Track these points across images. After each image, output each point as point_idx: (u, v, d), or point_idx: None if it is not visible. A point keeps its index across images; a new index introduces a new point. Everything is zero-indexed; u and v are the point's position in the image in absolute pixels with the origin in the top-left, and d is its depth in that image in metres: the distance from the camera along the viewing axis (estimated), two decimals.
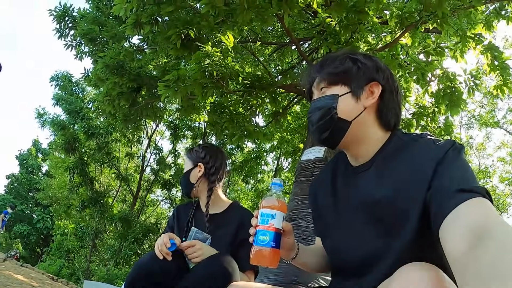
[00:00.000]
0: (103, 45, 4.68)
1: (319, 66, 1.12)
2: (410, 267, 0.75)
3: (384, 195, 0.98)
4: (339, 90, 1.06)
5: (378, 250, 1.00)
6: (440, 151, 0.92)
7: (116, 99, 4.26)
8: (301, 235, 3.14)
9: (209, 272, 1.35)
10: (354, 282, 1.07)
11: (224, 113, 3.89)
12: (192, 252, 1.45)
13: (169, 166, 12.61)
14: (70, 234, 14.42)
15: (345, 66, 1.08)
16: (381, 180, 1.00)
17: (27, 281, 3.56)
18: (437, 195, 0.85)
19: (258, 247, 1.04)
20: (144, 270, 1.38)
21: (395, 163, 0.99)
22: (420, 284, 0.69)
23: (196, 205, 1.82)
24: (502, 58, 3.87)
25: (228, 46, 3.29)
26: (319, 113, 1.06)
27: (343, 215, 1.11)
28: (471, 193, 0.79)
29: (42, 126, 15.36)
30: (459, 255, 0.70)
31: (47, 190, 16.80)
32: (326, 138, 1.07)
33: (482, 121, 14.97)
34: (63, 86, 11.87)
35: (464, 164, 0.90)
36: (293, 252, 1.16)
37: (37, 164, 23.53)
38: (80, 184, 11.36)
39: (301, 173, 3.53)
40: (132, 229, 10.91)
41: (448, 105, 3.96)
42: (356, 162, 1.11)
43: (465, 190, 0.80)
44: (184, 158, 1.99)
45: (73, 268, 12.75)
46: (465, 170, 0.88)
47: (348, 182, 1.12)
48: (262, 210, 1.08)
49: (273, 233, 1.04)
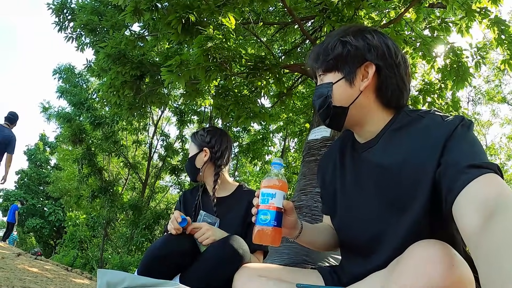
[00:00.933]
0: (103, 35, 4.65)
1: (316, 54, 1.12)
2: (421, 244, 0.75)
3: (391, 168, 0.98)
4: (333, 77, 1.07)
5: (387, 227, 1.00)
6: (449, 127, 0.91)
7: (120, 88, 4.25)
8: (310, 214, 3.15)
9: (221, 254, 1.35)
10: (363, 260, 1.07)
11: (229, 96, 3.86)
12: (201, 235, 1.45)
13: (176, 151, 12.67)
14: (82, 225, 14.68)
15: (336, 52, 1.06)
16: (388, 154, 1.00)
17: (42, 273, 3.63)
18: (448, 171, 0.83)
19: (259, 226, 1.06)
20: (156, 255, 1.38)
21: (402, 138, 0.99)
22: (431, 261, 0.70)
23: (203, 189, 1.82)
24: (510, 32, 3.78)
25: (229, 28, 3.25)
26: (318, 102, 1.09)
27: (351, 192, 1.12)
28: (483, 169, 0.78)
29: (48, 119, 15.47)
30: (473, 230, 0.69)
31: (57, 183, 17.03)
32: (328, 124, 1.12)
33: (488, 96, 14.77)
34: (66, 78, 11.91)
35: (474, 140, 0.89)
36: (296, 230, 1.16)
37: (45, 158, 23.77)
38: (89, 175, 11.49)
39: (308, 152, 3.53)
40: (143, 216, 11.04)
41: (455, 80, 3.90)
42: (363, 139, 1.11)
43: (476, 166, 0.79)
44: (189, 143, 1.94)
45: (87, 258, 13.01)
46: (475, 146, 0.87)
47: (355, 159, 1.12)
48: (262, 190, 1.09)
49: (274, 212, 1.05)
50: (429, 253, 0.71)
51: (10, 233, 10.63)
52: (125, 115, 4.85)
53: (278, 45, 6.10)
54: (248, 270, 1.22)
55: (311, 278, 1.19)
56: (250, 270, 1.22)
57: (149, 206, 12.69)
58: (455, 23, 3.97)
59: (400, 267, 0.75)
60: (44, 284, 3.03)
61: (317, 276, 1.21)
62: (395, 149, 0.99)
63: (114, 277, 1.20)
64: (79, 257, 13.16)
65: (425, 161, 0.90)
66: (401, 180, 0.96)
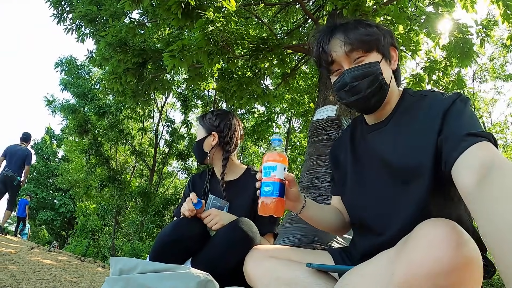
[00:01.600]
0: (103, 24, 4.62)
1: (344, 35, 1.11)
2: (430, 223, 0.76)
3: (401, 145, 1.05)
4: (376, 57, 1.10)
5: (395, 201, 1.04)
6: (447, 102, 1.00)
7: (123, 76, 4.25)
8: (318, 194, 3.16)
9: (231, 237, 1.35)
10: (374, 235, 1.11)
11: (232, 79, 3.85)
12: (210, 220, 1.45)
13: (182, 136, 12.71)
14: (92, 214, 14.87)
15: (375, 33, 1.12)
16: (398, 135, 1.07)
17: (56, 264, 3.69)
18: (448, 140, 0.92)
19: (263, 197, 1.11)
20: (167, 240, 1.38)
21: (409, 118, 1.07)
22: (439, 240, 0.70)
23: (211, 173, 1.80)
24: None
25: (230, 10, 3.21)
26: (367, 81, 1.08)
27: (362, 171, 1.17)
28: (480, 137, 0.86)
29: (52, 112, 15.55)
30: (471, 188, 0.77)
31: (66, 175, 17.22)
32: (374, 104, 1.11)
33: (494, 75, 14.53)
34: (69, 70, 11.89)
35: (471, 113, 0.97)
36: (300, 204, 1.21)
37: (52, 151, 23.96)
38: (96, 165, 11.59)
39: (314, 133, 3.51)
40: (152, 202, 11.14)
41: (460, 58, 3.84)
42: (375, 120, 1.18)
43: (474, 134, 0.87)
44: (196, 126, 1.89)
45: (99, 246, 13.22)
46: (472, 118, 0.95)
47: (367, 140, 1.19)
48: (264, 164, 1.15)
49: (276, 184, 1.11)
50: (438, 232, 0.72)
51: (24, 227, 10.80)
52: (129, 102, 4.86)
53: (280, 25, 6.02)
54: (259, 252, 1.25)
55: (321, 258, 1.22)
56: (261, 251, 1.25)
57: (157, 193, 12.80)
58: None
59: (408, 245, 0.75)
60: (58, 275, 3.09)
61: (327, 256, 1.24)
62: (404, 128, 1.07)
63: (127, 264, 1.21)
64: (91, 247, 13.38)
65: (429, 137, 0.98)
66: (408, 154, 1.02)
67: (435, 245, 0.70)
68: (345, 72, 1.10)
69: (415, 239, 0.75)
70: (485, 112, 15.89)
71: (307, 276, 1.07)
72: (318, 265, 1.08)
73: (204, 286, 1.16)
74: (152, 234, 11.12)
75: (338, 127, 3.45)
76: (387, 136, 1.11)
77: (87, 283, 3.01)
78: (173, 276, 1.16)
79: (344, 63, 1.11)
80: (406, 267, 0.72)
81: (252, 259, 1.23)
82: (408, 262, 0.72)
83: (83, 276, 3.37)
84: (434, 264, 0.69)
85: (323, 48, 1.15)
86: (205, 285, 1.16)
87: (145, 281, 1.15)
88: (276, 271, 1.12)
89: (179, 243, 1.38)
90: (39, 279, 2.72)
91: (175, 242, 1.38)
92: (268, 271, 1.14)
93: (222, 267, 1.34)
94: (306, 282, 1.06)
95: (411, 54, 4.42)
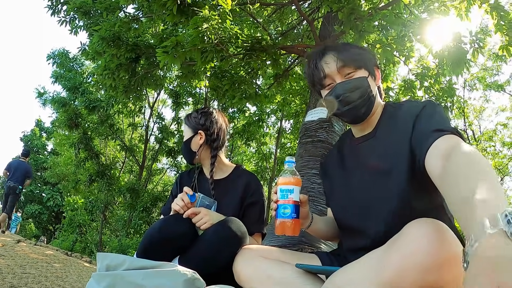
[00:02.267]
0: (97, 17, 4.57)
1: (336, 52, 1.24)
2: (418, 222, 0.82)
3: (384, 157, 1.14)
4: (363, 73, 1.22)
5: (376, 201, 1.12)
6: (418, 107, 1.12)
7: (116, 71, 4.21)
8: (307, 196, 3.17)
9: (220, 236, 1.35)
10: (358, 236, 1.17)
11: (225, 77, 3.83)
12: (199, 219, 1.44)
13: (172, 133, 12.69)
14: (80, 209, 14.74)
15: (363, 54, 1.26)
16: (383, 144, 1.17)
17: (43, 258, 3.65)
18: (418, 137, 1.04)
19: (281, 219, 1.18)
20: (155, 237, 1.37)
21: (391, 127, 1.18)
22: (427, 238, 0.76)
23: (200, 171, 1.79)
24: (509, 19, 3.74)
25: (225, 9, 3.20)
26: (357, 92, 1.19)
27: (350, 179, 1.25)
28: (444, 131, 0.98)
29: (43, 105, 15.36)
30: (438, 172, 0.88)
31: (54, 168, 17.03)
32: (363, 114, 1.21)
33: (485, 83, 14.74)
34: (61, 63, 11.76)
35: (439, 113, 1.08)
36: (308, 220, 1.31)
37: (41, 144, 23.70)
38: (86, 159, 11.49)
39: (305, 134, 3.53)
40: (141, 198, 11.10)
41: (452, 66, 3.87)
42: (361, 132, 1.27)
43: (439, 130, 0.99)
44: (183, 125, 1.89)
45: (86, 242, 13.12)
46: (439, 117, 1.07)
47: (355, 151, 1.27)
48: (280, 187, 1.21)
49: (293, 206, 1.18)
50: (426, 231, 0.78)
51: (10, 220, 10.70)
52: (120, 98, 4.81)
53: (275, 26, 6.03)
54: (250, 252, 1.27)
55: (308, 261, 1.27)
56: (252, 251, 1.27)
57: (146, 189, 12.73)
58: (454, 7, 3.91)
59: (398, 243, 0.80)
60: (45, 270, 3.06)
61: (315, 259, 1.28)
62: (387, 137, 1.17)
63: (114, 260, 1.21)
64: (78, 242, 13.27)
65: (404, 137, 1.10)
66: (389, 160, 1.12)
67: (425, 242, 0.76)
68: (338, 85, 1.21)
69: (406, 236, 0.80)
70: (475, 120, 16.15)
71: (296, 277, 1.13)
72: (307, 266, 1.13)
73: (191, 284, 1.16)
74: (139, 230, 11.06)
75: (329, 129, 3.46)
76: (373, 145, 1.20)
77: (73, 278, 2.98)
78: (160, 274, 1.15)
79: (336, 77, 1.22)
80: (397, 261, 0.77)
81: (243, 258, 1.26)
82: (399, 256, 0.77)
83: (69, 271, 3.34)
84: (425, 258, 0.74)
85: (316, 65, 1.25)
86: (192, 283, 1.16)
87: (132, 278, 1.14)
88: (267, 270, 1.17)
89: (167, 241, 1.37)
90: (25, 273, 2.69)
91: (163, 240, 1.37)
92: (259, 270, 1.18)
93: (210, 266, 1.34)
94: (296, 282, 1.11)
95: (404, 60, 4.46)
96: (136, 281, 1.13)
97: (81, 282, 2.90)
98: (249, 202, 1.65)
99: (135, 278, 1.14)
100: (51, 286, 2.48)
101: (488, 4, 3.72)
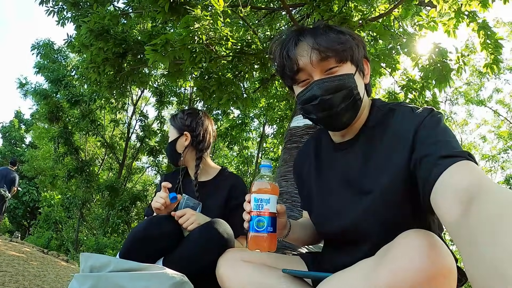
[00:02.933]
0: (86, 9, 4.48)
1: (314, 40, 0.99)
2: (410, 233, 0.77)
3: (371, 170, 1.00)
4: (350, 69, 1.01)
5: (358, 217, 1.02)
6: (418, 119, 0.94)
7: (101, 65, 4.13)
8: (290, 201, 3.17)
9: (206, 238, 1.33)
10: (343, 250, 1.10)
11: (212, 79, 3.81)
12: (185, 220, 1.42)
13: (154, 132, 12.55)
14: (57, 205, 14.34)
15: (348, 42, 1.01)
16: (368, 154, 1.02)
17: (19, 256, 3.55)
18: (422, 164, 0.85)
19: (255, 233, 1.02)
20: (139, 237, 1.35)
21: (379, 135, 1.01)
22: (420, 249, 0.72)
23: (185, 173, 1.78)
24: (495, 38, 3.84)
25: (218, 10, 3.18)
26: (340, 95, 0.98)
27: (329, 190, 1.13)
28: (454, 158, 0.78)
29: (24, 96, 15.02)
30: (453, 219, 0.67)
31: (32, 162, 16.61)
32: (345, 121, 1.02)
33: (467, 98, 15.18)
34: (45, 54, 11.50)
35: (444, 129, 0.90)
36: (285, 230, 1.18)
37: (20, 136, 23.05)
38: (65, 154, 11.27)
39: (290, 139, 3.53)
40: (119, 197, 10.91)
41: (437, 80, 3.95)
42: (342, 138, 1.11)
43: (448, 156, 0.79)
44: (168, 126, 1.87)
45: (62, 239, 12.78)
46: (445, 135, 0.88)
47: (333, 158, 1.14)
48: (255, 195, 1.04)
49: (269, 218, 1.02)
50: (419, 242, 0.73)
51: None
52: (104, 93, 4.72)
53: (264, 30, 6.03)
54: (233, 255, 1.22)
55: (294, 264, 1.21)
56: (234, 254, 1.22)
57: (125, 187, 12.52)
58: (443, 23, 4.00)
59: (390, 253, 0.76)
60: (23, 267, 2.97)
61: (300, 262, 1.23)
62: (374, 146, 1.02)
63: (99, 261, 1.17)
64: (54, 239, 12.90)
65: (399, 150, 0.94)
66: (377, 173, 0.98)
67: (418, 255, 0.71)
68: (315, 83, 0.99)
69: (398, 248, 0.76)
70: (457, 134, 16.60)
71: (282, 282, 1.06)
72: (294, 272, 1.07)
73: (179, 287, 1.13)
74: (117, 229, 10.85)
75: None
76: (356, 155, 1.05)
77: (51, 278, 2.89)
78: (148, 276, 1.12)
79: (314, 73, 1.00)
80: (388, 276, 0.73)
81: (225, 261, 1.21)
82: (391, 271, 0.73)
83: (47, 270, 3.24)
84: (416, 274, 0.70)
85: (288, 53, 1.01)
86: (180, 287, 1.13)
87: (117, 280, 1.10)
88: (251, 275, 1.11)
89: (151, 242, 1.35)
90: (2, 271, 2.60)
91: (147, 240, 1.35)
92: (242, 274, 1.12)
93: (195, 267, 1.32)
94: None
95: (390, 71, 4.53)
96: (122, 283, 1.09)
97: (60, 282, 2.82)
98: (234, 204, 1.65)
99: (121, 280, 1.10)
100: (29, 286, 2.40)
101: (476, 23, 3.82)
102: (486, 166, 16.37)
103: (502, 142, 15.75)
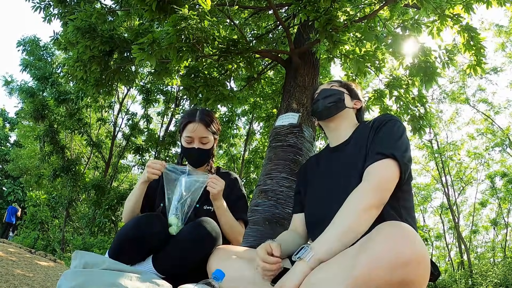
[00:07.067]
0: (73, 6, 4.46)
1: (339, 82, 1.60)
2: (389, 223, 0.89)
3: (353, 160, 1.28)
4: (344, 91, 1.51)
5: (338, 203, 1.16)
6: (378, 122, 1.28)
7: (88, 63, 4.11)
8: (275, 198, 3.22)
9: (195, 236, 1.35)
10: None
11: (199, 77, 3.83)
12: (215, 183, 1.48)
13: (141, 131, 12.50)
14: (42, 205, 14.13)
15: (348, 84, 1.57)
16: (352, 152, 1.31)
17: (7, 256, 3.50)
18: (368, 155, 1.21)
19: None
20: (128, 236, 1.35)
21: (359, 138, 1.32)
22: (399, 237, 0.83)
23: None
24: (479, 39, 3.92)
25: (205, 9, 3.21)
26: (331, 98, 1.45)
27: (322, 183, 1.35)
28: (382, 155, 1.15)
29: (9, 94, 14.74)
30: None
31: (17, 161, 16.34)
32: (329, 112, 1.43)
33: (452, 96, 15.45)
34: (31, 51, 11.33)
35: (393, 133, 1.23)
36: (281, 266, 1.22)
37: (4, 134, 22.66)
38: (51, 153, 11.12)
39: (275, 138, 3.58)
40: (106, 196, 10.81)
41: (423, 79, 4.02)
42: (336, 142, 1.43)
43: (381, 153, 1.16)
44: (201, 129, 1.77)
45: (48, 239, 12.59)
46: (391, 138, 1.22)
47: (328, 158, 1.42)
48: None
49: None
50: (398, 231, 0.85)
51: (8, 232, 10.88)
52: (90, 91, 4.69)
53: (250, 29, 6.07)
54: (223, 252, 1.30)
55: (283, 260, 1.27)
56: (225, 251, 1.30)
57: (112, 186, 12.39)
58: (427, 25, 4.08)
59: (371, 242, 0.86)
60: (11, 268, 2.94)
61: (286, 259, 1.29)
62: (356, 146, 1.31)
63: (93, 259, 1.18)
64: (40, 239, 12.71)
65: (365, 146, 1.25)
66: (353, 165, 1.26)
67: (397, 240, 0.82)
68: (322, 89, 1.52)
69: (377, 236, 0.86)
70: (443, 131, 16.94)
71: None
72: None
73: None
74: (104, 229, 10.75)
75: (299, 135, 3.53)
76: (345, 153, 1.34)
77: (40, 277, 2.87)
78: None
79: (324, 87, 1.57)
80: (367, 260, 0.83)
81: (216, 258, 1.28)
82: (370, 256, 0.83)
83: (35, 270, 3.21)
84: (393, 257, 0.81)
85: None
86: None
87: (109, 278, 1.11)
88: (241, 270, 1.19)
89: (139, 241, 1.35)
90: None
91: (136, 240, 1.35)
92: (233, 269, 1.19)
93: (184, 265, 1.34)
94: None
95: (375, 71, 4.61)
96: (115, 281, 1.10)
97: (50, 281, 2.81)
98: (235, 196, 1.69)
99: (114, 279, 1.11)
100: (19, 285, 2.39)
101: (459, 25, 3.90)
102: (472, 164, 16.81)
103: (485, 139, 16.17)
